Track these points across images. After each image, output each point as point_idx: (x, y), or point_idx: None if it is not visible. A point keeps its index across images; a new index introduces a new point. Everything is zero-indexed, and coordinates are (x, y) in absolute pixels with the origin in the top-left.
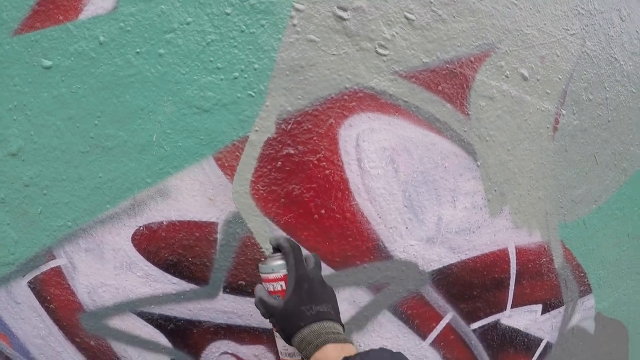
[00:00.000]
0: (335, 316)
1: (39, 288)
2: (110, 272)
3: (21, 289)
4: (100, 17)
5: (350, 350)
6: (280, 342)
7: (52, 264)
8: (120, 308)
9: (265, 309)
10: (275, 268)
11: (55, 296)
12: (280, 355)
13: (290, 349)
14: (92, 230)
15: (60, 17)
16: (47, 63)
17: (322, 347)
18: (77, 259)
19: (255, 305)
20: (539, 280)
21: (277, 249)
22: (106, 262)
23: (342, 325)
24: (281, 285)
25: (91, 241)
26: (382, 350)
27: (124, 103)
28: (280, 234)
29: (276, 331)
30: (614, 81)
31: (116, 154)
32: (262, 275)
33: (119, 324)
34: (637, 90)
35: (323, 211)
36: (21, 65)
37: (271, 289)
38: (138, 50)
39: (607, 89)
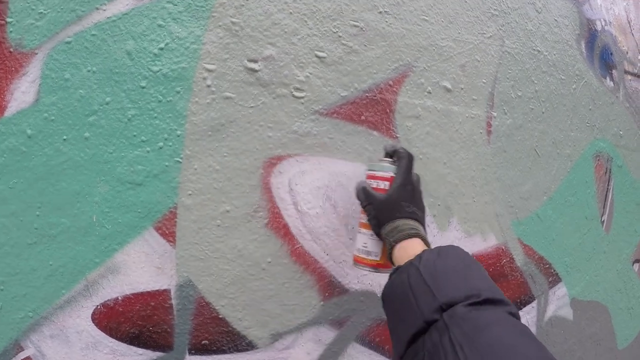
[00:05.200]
0: (423, 222)
1: None
2: (77, 354)
3: None
4: (25, 111)
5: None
6: (361, 239)
7: (21, 355)
8: None
9: (367, 196)
10: (386, 168)
11: None
12: (356, 252)
13: (370, 247)
14: (53, 316)
15: None
16: None
17: (411, 238)
18: (45, 347)
19: (357, 192)
20: (504, 281)
21: (389, 155)
22: (72, 345)
23: (426, 231)
24: (385, 185)
25: (54, 327)
26: (458, 247)
27: (60, 190)
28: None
29: (367, 220)
30: (541, 73)
31: (62, 240)
32: (369, 172)
33: None
34: (567, 77)
35: (269, 260)
36: None
37: (374, 185)
38: (65, 137)
39: (535, 82)
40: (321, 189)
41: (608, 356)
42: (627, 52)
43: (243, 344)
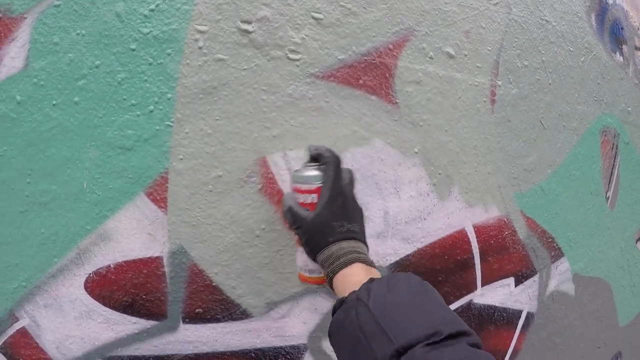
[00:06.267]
0: (362, 237)
1: (10, 352)
2: (72, 323)
3: None
4: (14, 76)
5: (375, 273)
6: (302, 258)
7: (17, 325)
8: (89, 357)
9: (294, 219)
10: (310, 179)
11: (26, 357)
12: (299, 270)
13: (312, 266)
14: (46, 285)
15: None
16: None
17: (350, 264)
18: (39, 317)
19: (283, 214)
20: (506, 254)
21: (314, 158)
22: (66, 314)
23: (367, 247)
24: (312, 198)
25: (47, 297)
26: (410, 275)
27: (50, 157)
28: (322, 144)
29: (300, 244)
30: (549, 43)
31: (53, 208)
32: (294, 185)
33: None
34: (575, 49)
35: (263, 226)
36: None
37: (301, 200)
38: (54, 102)
39: (543, 52)
40: None
41: (609, 333)
42: (638, 28)
43: (237, 312)
